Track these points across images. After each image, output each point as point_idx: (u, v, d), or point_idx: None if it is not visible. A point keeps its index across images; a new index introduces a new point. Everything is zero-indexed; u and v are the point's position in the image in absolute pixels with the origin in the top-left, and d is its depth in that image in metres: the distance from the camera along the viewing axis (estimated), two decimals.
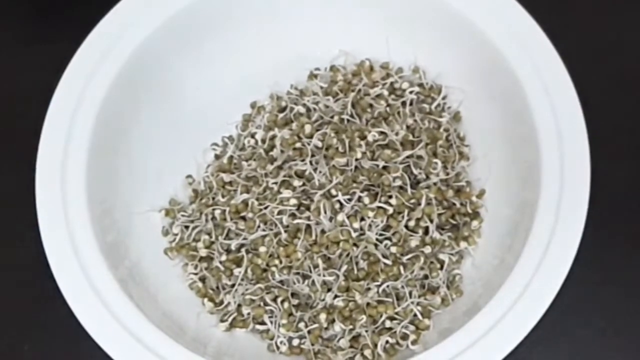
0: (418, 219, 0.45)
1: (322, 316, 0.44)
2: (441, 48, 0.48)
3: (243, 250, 0.46)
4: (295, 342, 0.45)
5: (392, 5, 0.48)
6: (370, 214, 0.44)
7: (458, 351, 0.40)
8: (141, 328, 0.42)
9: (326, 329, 0.45)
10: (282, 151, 0.47)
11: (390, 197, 0.45)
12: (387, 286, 0.45)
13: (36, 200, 0.44)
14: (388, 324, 0.44)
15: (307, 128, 0.47)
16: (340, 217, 0.44)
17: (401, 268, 0.45)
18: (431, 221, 0.45)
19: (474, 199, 0.47)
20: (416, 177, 0.46)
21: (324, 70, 0.50)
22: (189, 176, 0.49)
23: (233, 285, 0.46)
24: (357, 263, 0.45)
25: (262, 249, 0.45)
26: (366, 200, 0.45)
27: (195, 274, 0.47)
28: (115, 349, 0.41)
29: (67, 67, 0.46)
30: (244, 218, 0.46)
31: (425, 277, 0.45)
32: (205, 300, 0.46)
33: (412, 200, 0.45)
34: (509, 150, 0.46)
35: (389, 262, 0.44)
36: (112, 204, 0.46)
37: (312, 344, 0.44)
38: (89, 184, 0.44)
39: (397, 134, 0.46)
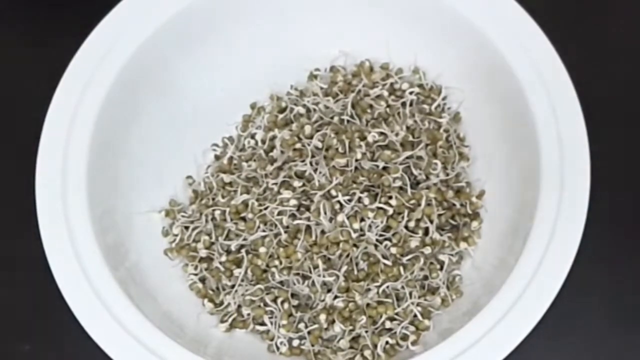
0: (418, 220, 0.45)
1: (322, 317, 0.44)
2: (441, 48, 0.48)
3: (243, 250, 0.46)
4: (295, 342, 0.45)
5: (392, 6, 0.48)
6: (370, 214, 0.44)
7: (458, 352, 0.40)
8: (141, 328, 0.42)
9: (326, 329, 0.45)
10: (282, 152, 0.47)
11: (390, 197, 0.45)
12: (387, 287, 0.45)
13: (36, 200, 0.44)
14: (388, 324, 0.44)
15: (307, 129, 0.47)
16: (340, 217, 0.44)
17: (401, 269, 0.45)
18: (431, 222, 0.45)
19: (473, 199, 0.47)
20: (416, 178, 0.46)
21: (324, 70, 0.50)
22: (189, 177, 0.49)
23: (233, 286, 0.46)
24: (357, 264, 0.45)
25: (262, 250, 0.45)
26: (366, 200, 0.45)
27: (195, 274, 0.47)
28: (115, 350, 0.41)
29: (67, 67, 0.46)
30: (244, 219, 0.46)
31: (425, 277, 0.45)
32: (205, 300, 0.46)
33: (412, 201, 0.45)
34: (509, 150, 0.46)
35: (389, 262, 0.44)
36: (112, 205, 0.46)
37: (312, 345, 0.44)
38: (89, 184, 0.44)
39: (397, 134, 0.46)
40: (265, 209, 0.46)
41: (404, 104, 0.49)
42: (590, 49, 0.51)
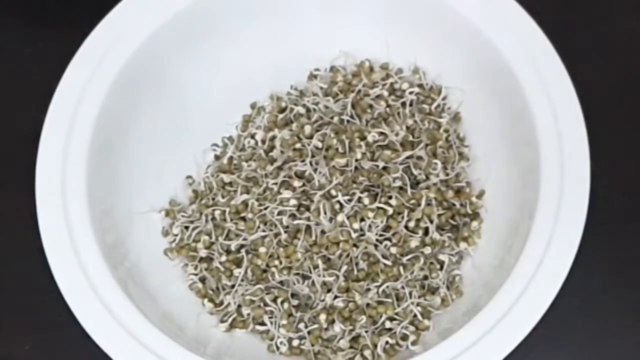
0: (418, 220, 0.45)
1: (322, 317, 0.44)
2: (441, 48, 0.48)
3: (243, 250, 0.46)
4: (295, 342, 0.45)
5: (392, 6, 0.48)
6: (370, 214, 0.44)
7: (458, 352, 0.40)
8: (141, 328, 0.42)
9: (326, 329, 0.45)
10: (282, 152, 0.47)
11: (390, 197, 0.45)
12: (387, 287, 0.45)
13: (36, 200, 0.44)
14: (388, 324, 0.44)
15: (307, 129, 0.47)
16: (340, 217, 0.44)
17: (401, 269, 0.45)
18: (431, 222, 0.45)
19: (473, 199, 0.47)
20: (416, 178, 0.46)
21: (324, 70, 0.50)
22: (189, 177, 0.49)
23: (233, 286, 0.46)
24: (357, 264, 0.45)
25: (262, 250, 0.45)
26: (366, 200, 0.45)
27: (195, 274, 0.47)
28: (114, 350, 0.41)
29: (67, 67, 0.46)
30: (243, 219, 0.46)
31: (425, 277, 0.45)
32: (205, 300, 0.46)
33: (412, 201, 0.45)
34: (509, 150, 0.46)
35: (388, 262, 0.44)
36: (112, 205, 0.46)
37: (312, 345, 0.44)
38: (89, 184, 0.44)
39: (397, 134, 0.46)
40: (265, 209, 0.46)
41: (403, 104, 0.49)
42: (590, 48, 0.51)
